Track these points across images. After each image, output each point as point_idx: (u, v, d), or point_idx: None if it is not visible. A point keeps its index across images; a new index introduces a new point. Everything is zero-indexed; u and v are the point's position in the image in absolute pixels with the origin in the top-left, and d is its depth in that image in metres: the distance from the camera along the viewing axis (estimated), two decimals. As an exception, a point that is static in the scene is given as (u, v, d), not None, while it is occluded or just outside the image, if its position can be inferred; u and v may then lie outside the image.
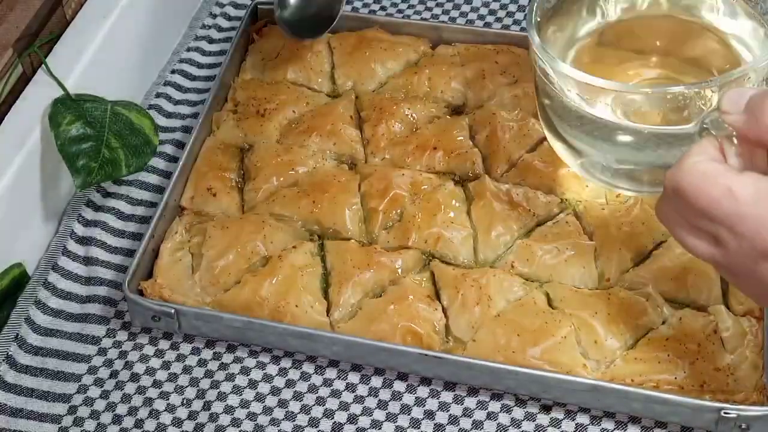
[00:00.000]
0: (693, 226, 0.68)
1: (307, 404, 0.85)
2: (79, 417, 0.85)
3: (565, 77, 0.77)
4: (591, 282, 0.88)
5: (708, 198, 0.65)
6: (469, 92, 1.02)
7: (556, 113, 0.82)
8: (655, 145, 0.77)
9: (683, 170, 0.67)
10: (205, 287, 0.89)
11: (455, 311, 0.86)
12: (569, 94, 0.78)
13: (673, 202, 0.68)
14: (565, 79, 0.78)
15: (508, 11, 1.14)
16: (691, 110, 0.74)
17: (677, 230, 0.69)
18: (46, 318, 0.91)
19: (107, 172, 0.94)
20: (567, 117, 0.81)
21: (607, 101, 0.77)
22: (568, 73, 0.77)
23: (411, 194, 0.93)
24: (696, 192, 0.66)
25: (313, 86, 1.04)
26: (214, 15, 1.16)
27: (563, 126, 0.82)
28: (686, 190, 0.66)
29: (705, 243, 0.68)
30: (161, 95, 1.07)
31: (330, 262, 0.90)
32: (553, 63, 0.77)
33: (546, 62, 0.78)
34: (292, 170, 0.96)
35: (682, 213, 0.68)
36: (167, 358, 0.88)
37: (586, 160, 0.83)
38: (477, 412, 0.84)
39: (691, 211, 0.67)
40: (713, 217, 0.65)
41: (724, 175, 0.65)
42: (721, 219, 0.65)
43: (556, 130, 0.84)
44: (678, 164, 0.67)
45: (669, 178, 0.68)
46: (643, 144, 0.77)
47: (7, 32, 0.95)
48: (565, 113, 0.80)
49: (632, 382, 0.81)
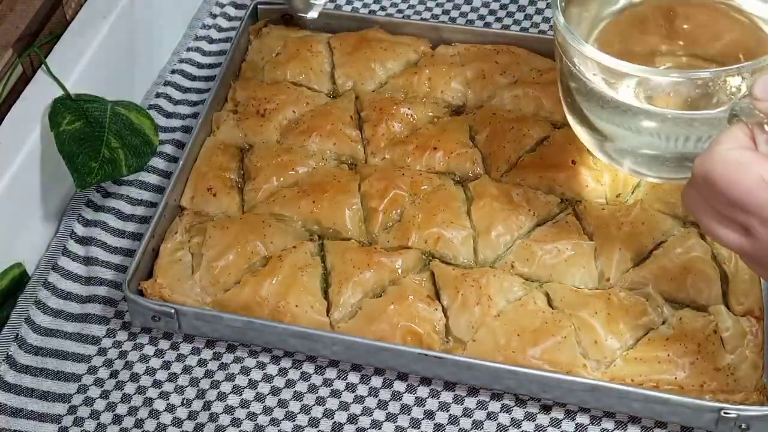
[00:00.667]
0: (722, 215, 0.66)
1: (307, 404, 0.85)
2: (79, 417, 0.85)
3: (589, 60, 0.76)
4: (591, 282, 0.88)
5: (741, 187, 0.63)
6: (469, 92, 1.02)
7: (580, 96, 0.80)
8: (681, 130, 0.75)
9: (714, 158, 0.65)
10: (205, 287, 0.89)
11: (455, 311, 0.86)
12: (593, 77, 0.77)
13: (702, 189, 0.66)
14: (589, 62, 0.76)
15: (508, 11, 1.14)
16: (720, 96, 0.72)
17: (705, 219, 0.68)
18: (46, 318, 0.91)
19: (107, 172, 0.94)
20: (591, 100, 0.79)
21: (631, 85, 0.75)
22: (592, 56, 0.75)
23: (411, 194, 0.93)
24: (728, 181, 0.64)
25: (313, 86, 1.04)
26: (214, 15, 1.16)
27: (588, 109, 0.80)
28: (718, 179, 0.64)
29: (734, 232, 0.66)
30: (161, 95, 1.07)
31: (330, 262, 0.90)
32: (578, 44, 0.76)
33: (571, 44, 0.76)
34: (292, 170, 0.96)
35: (712, 201, 0.66)
36: (167, 358, 0.88)
37: (609, 145, 0.82)
38: (477, 412, 0.84)
39: (721, 200, 0.65)
40: (745, 207, 0.64)
41: (757, 164, 0.64)
42: (753, 209, 0.64)
43: (581, 114, 0.82)
44: (708, 152, 0.66)
45: (698, 166, 0.66)
46: (667, 129, 0.75)
47: (7, 32, 0.95)
48: (590, 96, 0.79)
49: (632, 382, 0.81)
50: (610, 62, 0.74)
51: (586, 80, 0.78)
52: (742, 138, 0.66)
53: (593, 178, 0.93)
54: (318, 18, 1.08)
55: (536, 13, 1.13)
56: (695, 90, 0.73)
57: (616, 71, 0.74)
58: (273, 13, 1.09)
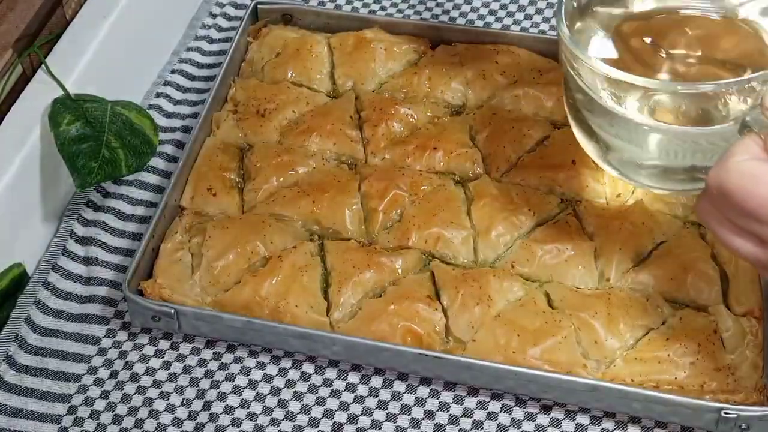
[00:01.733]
0: (737, 226, 0.66)
1: (307, 404, 0.85)
2: (79, 417, 0.85)
3: (594, 72, 0.75)
4: (591, 282, 0.88)
5: (757, 199, 0.63)
6: (469, 92, 1.02)
7: (585, 108, 0.80)
8: (688, 143, 0.74)
9: (728, 170, 0.65)
10: (205, 287, 0.89)
11: (455, 311, 0.86)
12: (598, 89, 0.76)
13: (716, 201, 0.67)
14: (593, 74, 0.76)
15: (508, 11, 1.14)
16: (728, 108, 0.72)
17: (720, 230, 0.68)
18: (46, 318, 0.91)
19: (107, 172, 0.94)
20: (596, 112, 0.78)
21: (636, 97, 0.75)
22: (596, 68, 0.75)
23: (411, 194, 0.93)
24: (744, 193, 0.64)
25: (313, 86, 1.04)
26: (214, 15, 1.16)
27: (592, 121, 0.80)
28: (733, 190, 0.64)
29: (750, 243, 0.66)
30: (161, 95, 1.07)
31: (330, 262, 0.90)
32: (581, 56, 0.75)
33: (575, 56, 0.76)
34: (292, 170, 0.96)
35: (727, 213, 0.66)
36: (167, 358, 0.88)
37: (614, 156, 0.81)
38: (477, 412, 0.84)
39: (736, 212, 0.65)
40: (761, 218, 0.64)
41: None
42: None
43: (585, 126, 0.81)
44: (721, 163, 0.66)
45: (712, 177, 0.66)
46: (674, 142, 0.75)
47: (7, 32, 0.95)
48: (594, 108, 0.78)
49: (632, 382, 0.81)
50: (614, 74, 0.73)
51: (591, 92, 0.77)
52: (755, 149, 0.66)
53: (593, 178, 0.93)
54: (318, 18, 1.08)
55: (536, 13, 1.13)
56: (704, 102, 0.73)
57: (621, 83, 0.74)
58: (273, 13, 1.09)
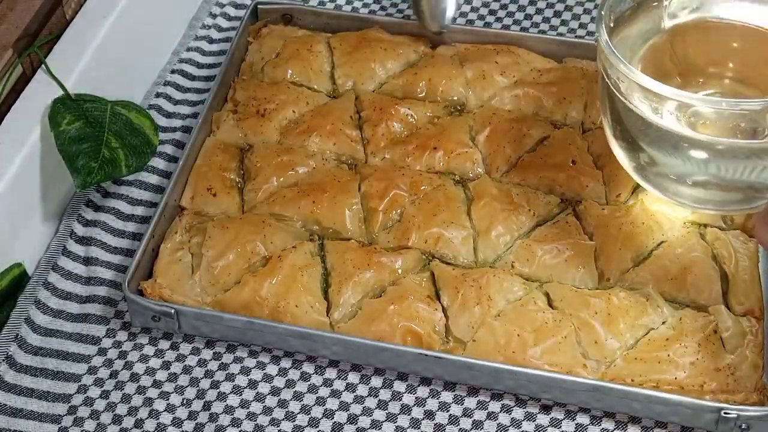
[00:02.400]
0: None
1: (307, 404, 0.85)
2: (79, 417, 0.85)
3: (631, 82, 0.75)
4: (591, 282, 0.88)
5: None
6: (469, 92, 1.02)
7: (622, 117, 0.79)
8: (728, 159, 0.74)
9: None
10: (205, 287, 0.89)
11: (455, 311, 0.86)
12: (635, 99, 0.76)
13: None
14: (630, 84, 0.75)
15: (508, 11, 1.14)
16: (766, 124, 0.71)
17: None
18: (46, 318, 0.91)
19: (107, 172, 0.94)
20: (633, 122, 0.78)
21: (673, 109, 0.74)
22: (634, 78, 0.74)
23: (411, 194, 0.93)
24: None
25: (313, 86, 1.04)
26: (214, 15, 1.16)
27: (629, 131, 0.79)
28: None
29: None
30: (161, 95, 1.07)
31: (330, 262, 0.90)
32: (619, 65, 0.75)
33: (613, 64, 0.75)
34: (292, 170, 0.96)
35: None
36: (167, 358, 0.88)
37: (651, 169, 0.81)
38: (477, 412, 0.84)
39: None
40: None
41: None
42: None
43: (622, 136, 0.80)
44: None
45: None
46: (712, 157, 0.74)
47: (7, 32, 0.95)
48: (631, 118, 0.77)
49: (632, 382, 0.81)
50: (653, 85, 0.72)
51: (628, 102, 0.76)
52: None
53: (593, 178, 0.93)
54: (318, 18, 1.08)
55: (536, 13, 1.13)
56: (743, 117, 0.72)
57: (658, 94, 0.73)
58: (273, 13, 1.09)
